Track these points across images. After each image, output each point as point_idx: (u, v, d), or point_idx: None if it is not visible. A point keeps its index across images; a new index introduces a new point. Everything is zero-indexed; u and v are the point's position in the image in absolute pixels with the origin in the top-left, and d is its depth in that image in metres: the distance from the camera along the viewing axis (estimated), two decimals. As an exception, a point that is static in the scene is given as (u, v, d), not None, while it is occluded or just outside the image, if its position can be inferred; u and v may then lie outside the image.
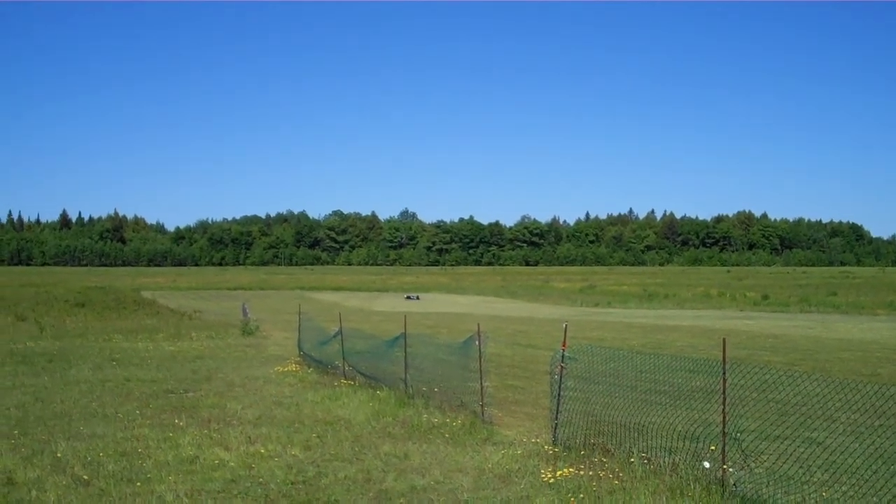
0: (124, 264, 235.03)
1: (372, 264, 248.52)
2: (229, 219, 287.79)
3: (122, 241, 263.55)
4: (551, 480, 9.55)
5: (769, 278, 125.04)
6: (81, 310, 50.11)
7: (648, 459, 9.94)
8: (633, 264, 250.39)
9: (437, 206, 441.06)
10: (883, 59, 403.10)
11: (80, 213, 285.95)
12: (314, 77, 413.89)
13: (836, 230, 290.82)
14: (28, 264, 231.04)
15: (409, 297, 78.78)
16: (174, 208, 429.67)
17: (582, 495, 8.97)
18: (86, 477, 9.93)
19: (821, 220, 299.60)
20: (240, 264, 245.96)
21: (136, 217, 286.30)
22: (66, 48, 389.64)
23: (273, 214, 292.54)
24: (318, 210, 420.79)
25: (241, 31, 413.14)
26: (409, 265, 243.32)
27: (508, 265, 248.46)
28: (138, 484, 9.64)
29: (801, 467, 9.24)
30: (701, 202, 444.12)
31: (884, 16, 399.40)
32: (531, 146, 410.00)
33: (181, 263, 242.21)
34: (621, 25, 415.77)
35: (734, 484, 8.84)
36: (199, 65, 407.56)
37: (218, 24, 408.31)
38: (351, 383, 17.80)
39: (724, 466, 8.98)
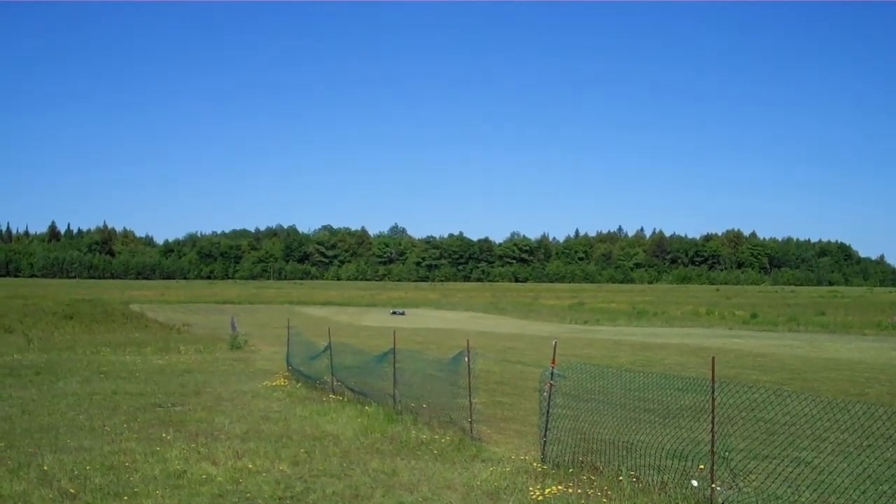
0: (113, 277, 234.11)
1: (361, 279, 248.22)
2: (218, 232, 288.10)
3: (111, 253, 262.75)
4: (540, 498, 9.54)
5: (758, 297, 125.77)
6: (69, 322, 49.95)
7: (637, 478, 9.94)
8: (621, 282, 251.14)
9: (427, 221, 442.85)
10: (872, 79, 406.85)
11: (69, 226, 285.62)
12: (304, 91, 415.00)
13: (824, 250, 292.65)
14: (16, 276, 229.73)
15: (394, 313, 78.91)
16: (163, 221, 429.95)
17: (571, 513, 8.97)
18: (72, 490, 9.86)
19: (809, 240, 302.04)
20: (229, 278, 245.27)
21: (125, 230, 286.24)
22: (55, 60, 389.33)
23: (262, 228, 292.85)
24: (307, 224, 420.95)
25: (231, 44, 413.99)
26: (399, 280, 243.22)
27: (498, 281, 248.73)
28: (125, 498, 9.58)
29: (789, 487, 9.27)
30: (690, 221, 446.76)
31: (871, 35, 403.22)
32: (521, 163, 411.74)
33: (170, 277, 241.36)
34: (610, 43, 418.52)
35: (723, 503, 8.86)
36: (189, 77, 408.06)
37: (209, 36, 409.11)
38: (339, 398, 17.74)
39: (713, 485, 8.99)
